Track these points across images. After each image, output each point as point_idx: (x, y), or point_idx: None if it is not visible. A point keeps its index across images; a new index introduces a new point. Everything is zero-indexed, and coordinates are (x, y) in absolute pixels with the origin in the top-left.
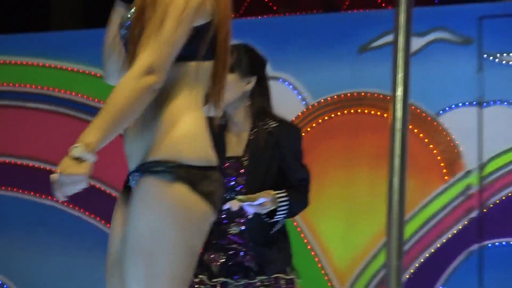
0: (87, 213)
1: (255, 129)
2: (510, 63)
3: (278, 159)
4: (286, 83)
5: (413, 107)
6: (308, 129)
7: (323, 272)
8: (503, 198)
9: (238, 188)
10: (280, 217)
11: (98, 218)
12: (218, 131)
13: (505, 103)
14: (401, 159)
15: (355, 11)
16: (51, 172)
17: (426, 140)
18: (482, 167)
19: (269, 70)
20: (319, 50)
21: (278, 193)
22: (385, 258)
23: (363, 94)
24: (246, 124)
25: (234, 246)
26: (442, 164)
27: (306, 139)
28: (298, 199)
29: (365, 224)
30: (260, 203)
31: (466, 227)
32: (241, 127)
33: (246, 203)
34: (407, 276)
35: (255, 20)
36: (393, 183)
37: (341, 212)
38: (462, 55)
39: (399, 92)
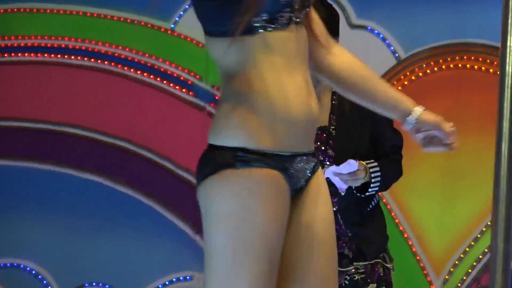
0: (142, 192)
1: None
2: None
3: (368, 124)
4: (375, 31)
5: None
6: (399, 87)
7: (418, 258)
8: None
9: (327, 162)
10: (374, 190)
11: (154, 199)
12: None
13: None
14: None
15: None
16: (94, 141)
17: None
18: None
19: (354, 18)
20: None
21: (368, 163)
22: (490, 240)
23: (465, 44)
24: (325, 86)
25: None
26: None
27: (412, 93)
28: (391, 169)
29: (467, 201)
30: (353, 170)
31: None
32: (320, 89)
33: (336, 177)
34: None
35: None
36: (502, 152)
37: (438, 188)
38: None
39: (511, 42)
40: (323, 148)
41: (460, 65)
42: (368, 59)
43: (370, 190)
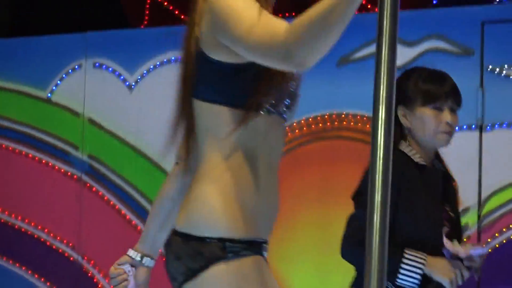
0: (13, 261)
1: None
2: None
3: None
4: None
5: None
6: None
7: None
8: (504, 241)
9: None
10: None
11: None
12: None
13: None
14: (383, 194)
15: None
16: None
17: None
18: (481, 204)
19: None
20: None
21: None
22: None
23: (343, 115)
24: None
25: None
26: None
27: (289, 163)
28: None
29: (342, 272)
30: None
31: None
32: None
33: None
34: None
35: None
36: (373, 222)
37: (315, 258)
38: (462, 67)
39: (382, 113)
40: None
41: (337, 135)
42: None
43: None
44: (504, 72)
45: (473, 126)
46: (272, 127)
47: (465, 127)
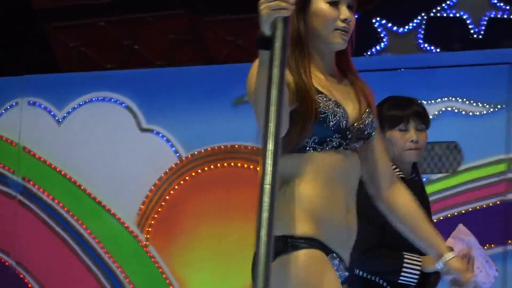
0: None
1: None
2: None
3: None
4: (160, 135)
5: None
6: (181, 182)
7: None
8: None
9: None
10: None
11: None
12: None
13: None
14: (269, 214)
15: (231, 63)
16: None
17: None
18: None
19: (144, 123)
20: (194, 103)
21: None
22: None
23: (236, 146)
24: None
25: None
26: None
27: (179, 192)
28: None
29: (236, 277)
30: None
31: None
32: None
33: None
34: None
35: (131, 72)
36: (261, 237)
37: (212, 265)
38: None
39: (270, 145)
40: None
41: (232, 163)
42: (154, 159)
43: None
44: None
45: None
46: (332, 161)
47: None
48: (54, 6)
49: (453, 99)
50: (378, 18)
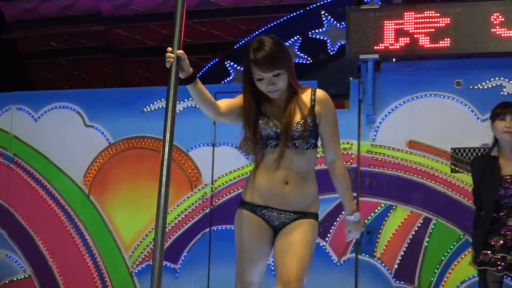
0: None
1: None
2: None
3: None
4: (98, 129)
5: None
6: (110, 157)
7: (116, 243)
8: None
9: None
10: None
11: None
12: (492, 159)
13: (230, 144)
14: (166, 179)
15: (140, 87)
16: None
17: (181, 167)
18: (213, 183)
19: (87, 121)
20: (117, 110)
21: None
22: (154, 235)
23: (145, 136)
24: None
25: (510, 232)
26: (190, 180)
27: (109, 164)
28: None
29: (144, 216)
30: None
31: (202, 218)
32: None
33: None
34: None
35: (79, 91)
36: (161, 192)
37: (129, 208)
38: None
39: (167, 137)
40: None
41: (142, 146)
42: (94, 143)
43: None
44: None
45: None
46: (273, 154)
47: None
48: (34, 50)
49: None
50: (228, 61)
